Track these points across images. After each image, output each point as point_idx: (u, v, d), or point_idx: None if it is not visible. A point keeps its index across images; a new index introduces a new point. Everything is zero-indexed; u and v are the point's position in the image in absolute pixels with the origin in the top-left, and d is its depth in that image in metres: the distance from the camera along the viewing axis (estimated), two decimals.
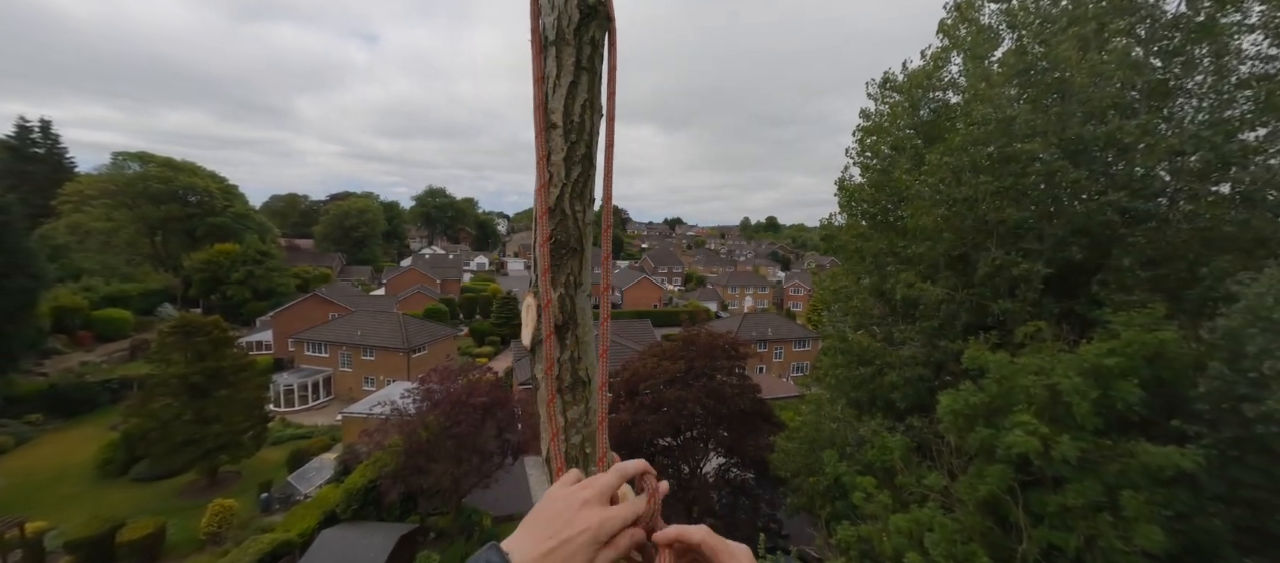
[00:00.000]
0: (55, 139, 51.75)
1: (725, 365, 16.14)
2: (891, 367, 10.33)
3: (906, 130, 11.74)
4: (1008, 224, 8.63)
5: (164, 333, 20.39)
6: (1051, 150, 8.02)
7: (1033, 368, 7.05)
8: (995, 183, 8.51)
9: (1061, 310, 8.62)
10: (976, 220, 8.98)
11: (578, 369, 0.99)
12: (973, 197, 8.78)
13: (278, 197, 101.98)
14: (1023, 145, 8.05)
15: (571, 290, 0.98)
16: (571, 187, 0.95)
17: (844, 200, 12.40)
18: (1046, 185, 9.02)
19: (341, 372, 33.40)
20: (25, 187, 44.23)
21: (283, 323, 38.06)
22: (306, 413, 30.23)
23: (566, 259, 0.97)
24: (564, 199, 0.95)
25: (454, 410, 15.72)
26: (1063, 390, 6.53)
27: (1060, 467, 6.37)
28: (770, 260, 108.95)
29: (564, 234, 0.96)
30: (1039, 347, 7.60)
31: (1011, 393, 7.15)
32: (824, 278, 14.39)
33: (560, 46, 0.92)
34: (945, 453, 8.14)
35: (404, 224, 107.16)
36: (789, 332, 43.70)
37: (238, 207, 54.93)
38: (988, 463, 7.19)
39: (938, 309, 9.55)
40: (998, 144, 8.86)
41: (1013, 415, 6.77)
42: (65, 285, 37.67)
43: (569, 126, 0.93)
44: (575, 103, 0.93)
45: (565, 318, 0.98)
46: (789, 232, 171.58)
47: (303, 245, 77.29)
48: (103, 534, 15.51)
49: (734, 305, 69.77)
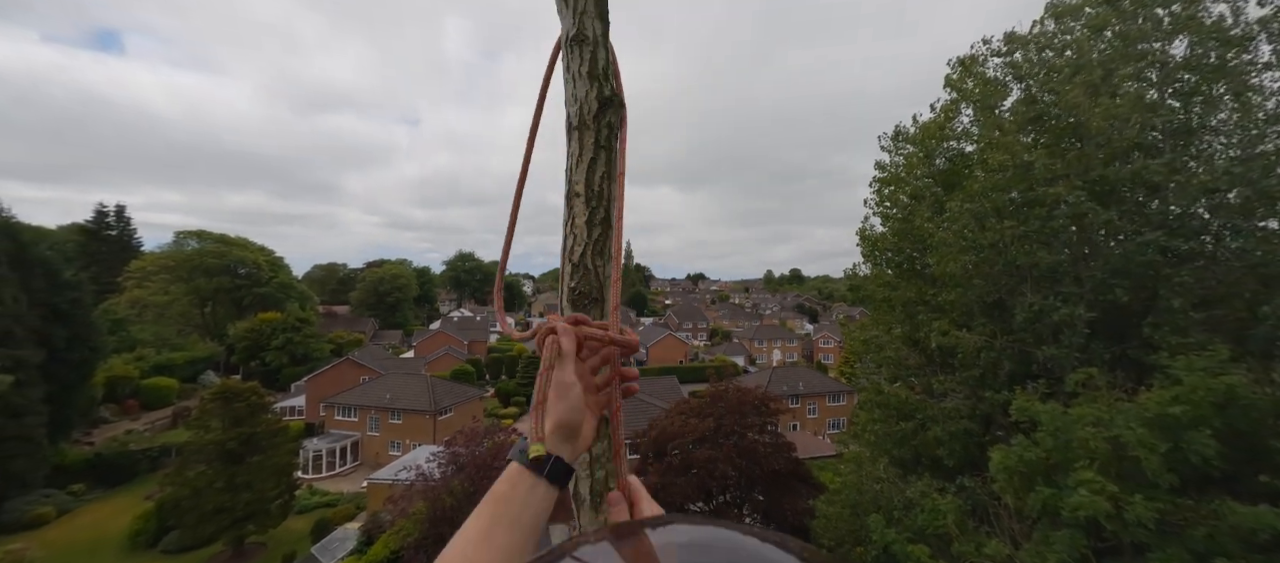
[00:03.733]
0: (127, 221, 56.73)
1: (756, 423, 15.55)
2: (934, 421, 9.77)
3: (924, 179, 11.81)
4: (1041, 267, 8.39)
5: (205, 400, 21.11)
6: (1077, 192, 7.90)
7: (1090, 419, 6.57)
8: (1021, 227, 8.37)
9: (1113, 356, 8.13)
10: (1006, 265, 8.76)
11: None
12: (999, 241, 8.63)
13: (319, 265, 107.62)
14: (1046, 189, 7.98)
15: None
16: (593, 244, 1.09)
17: (867, 249, 12.33)
18: (1077, 227, 8.82)
19: (369, 436, 33.51)
20: (96, 265, 48.16)
21: (316, 388, 38.92)
22: (333, 480, 30.13)
23: (588, 308, 1.08)
24: (587, 255, 1.09)
25: (479, 475, 15.44)
26: (1127, 444, 6.04)
27: (1137, 532, 5.76)
28: (797, 312, 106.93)
29: (587, 286, 1.09)
30: (1094, 396, 7.12)
31: (1069, 447, 6.64)
32: (853, 329, 14.03)
33: (582, 130, 1.10)
34: (1004, 517, 7.48)
35: (435, 288, 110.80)
36: (822, 386, 42.00)
37: (282, 276, 58.13)
38: (1053, 528, 6.56)
39: (977, 358, 9.13)
40: (1020, 189, 8.80)
41: (1075, 473, 6.24)
42: (119, 356, 39.86)
43: (590, 195, 1.09)
44: (595, 175, 1.09)
45: None
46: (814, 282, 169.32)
47: (339, 311, 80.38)
48: None
49: (762, 360, 67.96)
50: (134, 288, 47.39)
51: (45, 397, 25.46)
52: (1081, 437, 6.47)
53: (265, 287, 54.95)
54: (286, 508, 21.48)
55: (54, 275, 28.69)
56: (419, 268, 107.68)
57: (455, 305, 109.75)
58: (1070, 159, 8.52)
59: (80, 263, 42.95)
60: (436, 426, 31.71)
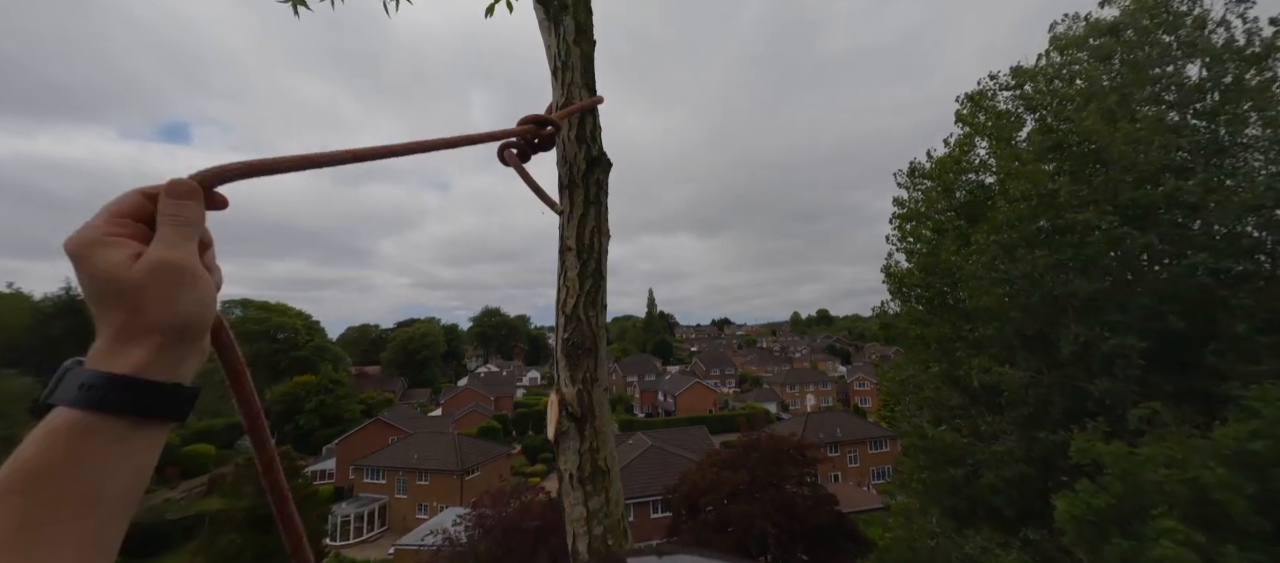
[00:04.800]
0: None
1: (793, 474, 14.77)
2: (987, 466, 9.11)
3: (945, 212, 11.66)
4: (1080, 296, 8.01)
5: (239, 466, 21.42)
6: (1108, 217, 7.66)
7: (1162, 459, 6.02)
8: (1053, 255, 8.09)
9: (1176, 388, 7.54)
10: (1044, 296, 8.41)
11: (598, 459, 1.08)
12: (1032, 271, 8.34)
13: (352, 327, 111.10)
14: (1075, 216, 7.76)
15: (588, 386, 1.11)
16: (584, 296, 1.14)
17: (893, 286, 12.06)
18: (1115, 253, 8.47)
19: (397, 499, 33.11)
20: None
21: (346, 450, 39.10)
22: (360, 547, 29.60)
23: (582, 358, 1.11)
24: (579, 307, 1.13)
25: (506, 537, 14.95)
26: (1208, 486, 5.48)
27: None
28: (828, 354, 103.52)
29: (580, 336, 1.12)
30: (1162, 433, 6.56)
31: (1142, 491, 6.06)
32: (889, 369, 13.49)
33: (572, 189, 1.17)
34: None
35: (462, 344, 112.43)
36: (861, 432, 39.87)
37: (318, 339, 60.18)
38: None
39: (1025, 395, 8.60)
40: (1047, 217, 8.59)
41: (1154, 522, 5.66)
42: None
43: (581, 248, 1.15)
44: (586, 230, 1.16)
45: (583, 411, 1.09)
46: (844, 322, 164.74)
47: (370, 371, 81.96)
48: None
49: (795, 405, 65.34)
50: None
51: None
52: (1154, 480, 5.92)
53: (302, 350, 56.84)
54: None
55: None
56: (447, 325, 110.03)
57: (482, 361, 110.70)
58: (1097, 185, 8.33)
59: None
60: (463, 486, 31.18)
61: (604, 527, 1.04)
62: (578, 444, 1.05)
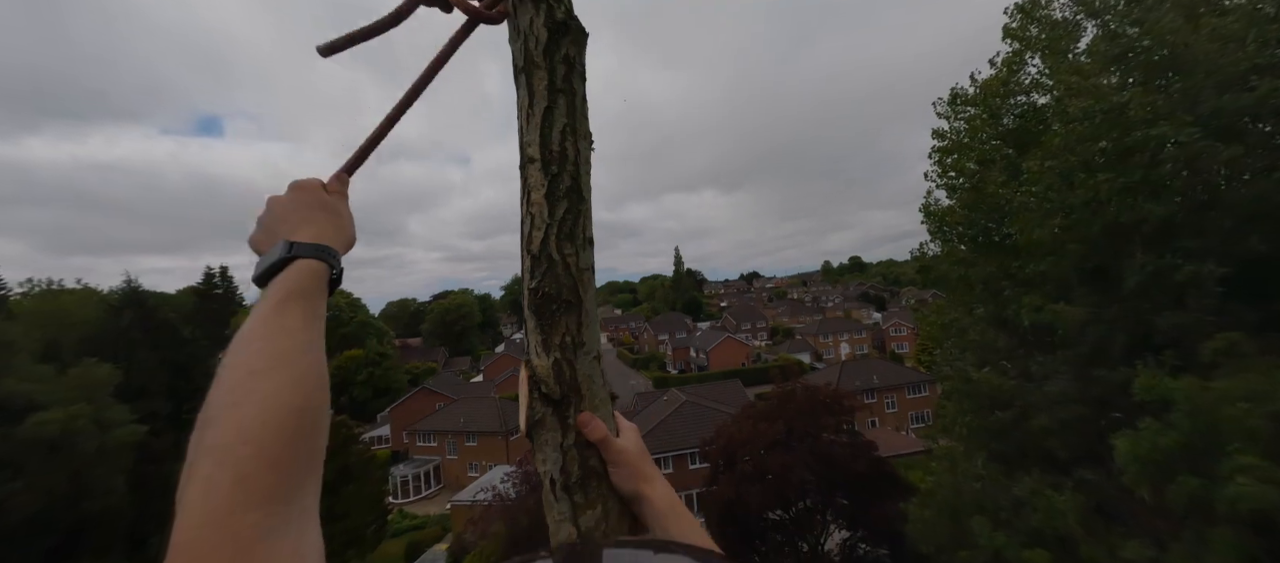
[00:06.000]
0: (230, 280, 64.05)
1: (830, 423, 14.72)
2: (1038, 408, 8.74)
3: (991, 142, 10.76)
4: (1150, 222, 7.30)
5: None
6: (1187, 129, 6.82)
7: (1240, 393, 5.56)
8: (1120, 179, 7.34)
9: (1260, 317, 6.89)
10: (1107, 224, 7.71)
11: (588, 459, 0.77)
12: (1094, 198, 7.62)
13: (392, 302, 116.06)
14: (1149, 131, 6.95)
15: (569, 354, 0.78)
16: (557, 226, 0.80)
17: (933, 226, 11.37)
18: (1190, 172, 7.62)
19: (449, 459, 35.25)
20: (209, 322, 54.63)
21: (398, 417, 41.61)
22: (420, 503, 31.91)
23: (558, 315, 0.79)
24: (550, 242, 0.80)
25: None
26: None
27: None
28: (862, 302, 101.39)
29: (554, 285, 0.79)
30: (1242, 366, 6.04)
31: (1216, 428, 5.65)
32: (929, 313, 12.97)
33: (531, 71, 0.83)
34: (1141, 514, 6.49)
35: (496, 313, 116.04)
36: (898, 378, 39.34)
37: (361, 316, 63.11)
38: (1207, 524, 5.58)
39: (1082, 334, 8.08)
40: (1112, 136, 7.75)
41: (1229, 459, 5.29)
42: None
43: (548, 157, 0.81)
44: (553, 130, 0.81)
45: (564, 391, 0.77)
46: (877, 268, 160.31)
47: (413, 343, 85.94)
48: None
49: (829, 355, 64.87)
50: None
51: (175, 442, 29.00)
52: (1231, 415, 5.49)
53: (347, 326, 59.82)
54: (380, 534, 22.92)
55: (176, 334, 32.80)
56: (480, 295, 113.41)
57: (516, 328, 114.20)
58: (1173, 94, 7.41)
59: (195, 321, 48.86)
60: (508, 446, 32.81)
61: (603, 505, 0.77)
62: (559, 438, 0.76)
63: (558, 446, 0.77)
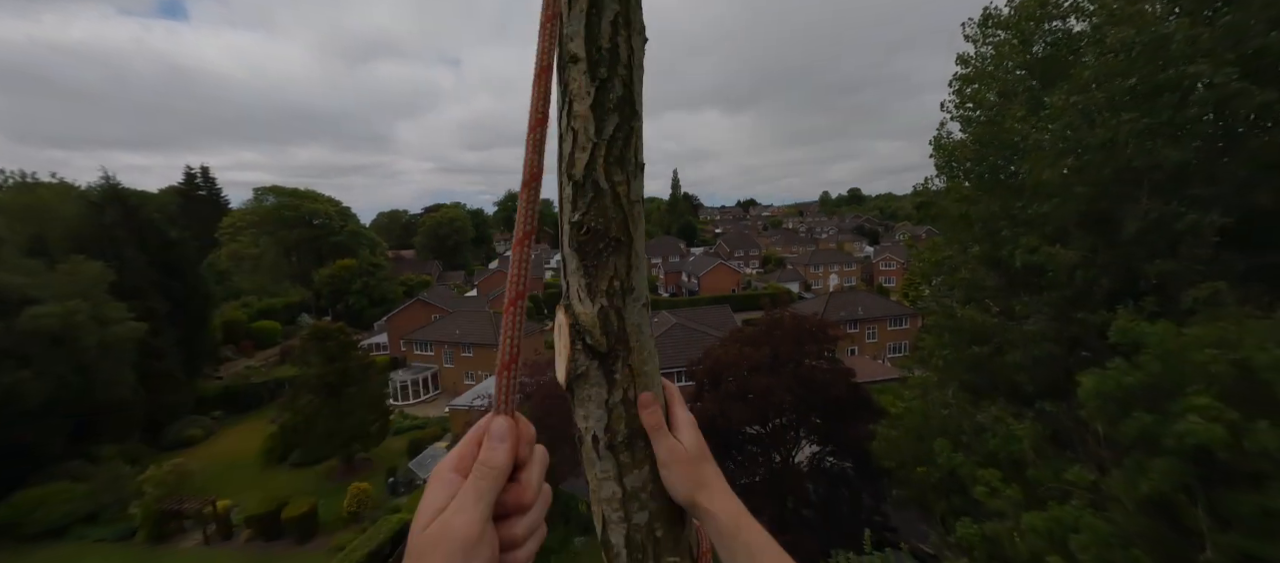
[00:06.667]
0: (212, 181, 62.08)
1: (813, 350, 15.32)
2: (1013, 345, 9.10)
3: (1017, 71, 10.17)
4: (1164, 168, 7.14)
5: (303, 340, 23.73)
6: (1225, 70, 6.46)
7: (1211, 340, 5.80)
8: (1144, 119, 7.06)
9: (1248, 267, 7.00)
10: (1119, 168, 7.54)
11: (636, 417, 0.71)
12: (1112, 139, 7.38)
13: (383, 213, 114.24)
14: (1185, 69, 6.57)
15: (618, 301, 0.69)
16: (605, 146, 0.66)
17: (941, 160, 11.08)
18: (1215, 114, 7.33)
19: (446, 368, 36.72)
20: (195, 224, 53.72)
21: (395, 326, 42.64)
22: (420, 406, 33.70)
23: (607, 255, 0.68)
24: (597, 166, 0.66)
25: (545, 402, 16.58)
26: (1258, 367, 5.31)
27: (1258, 461, 5.19)
28: (855, 235, 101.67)
29: (601, 219, 0.67)
30: (1217, 314, 6.24)
31: (1181, 372, 5.95)
32: (923, 250, 13.04)
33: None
34: (1090, 442, 7.02)
35: (489, 229, 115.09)
36: (882, 310, 40.53)
37: (352, 226, 62.30)
38: (1150, 455, 6.06)
39: (1071, 277, 8.21)
40: (1143, 73, 7.33)
41: (1185, 399, 5.62)
42: (229, 303, 45.36)
43: (596, 57, 0.64)
44: (601, 20, 0.64)
45: (611, 342, 0.69)
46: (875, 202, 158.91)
47: (406, 255, 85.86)
48: (272, 512, 18.55)
49: (818, 286, 66.17)
50: (229, 242, 52.79)
51: (176, 341, 29.71)
52: (1198, 360, 5.75)
53: (339, 235, 59.26)
54: (383, 431, 24.42)
55: (162, 235, 32.32)
56: (473, 210, 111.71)
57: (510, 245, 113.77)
58: (1219, 28, 6.91)
59: (181, 223, 48.06)
60: None
61: (649, 513, 0.71)
62: (604, 394, 0.69)
63: (603, 402, 0.71)
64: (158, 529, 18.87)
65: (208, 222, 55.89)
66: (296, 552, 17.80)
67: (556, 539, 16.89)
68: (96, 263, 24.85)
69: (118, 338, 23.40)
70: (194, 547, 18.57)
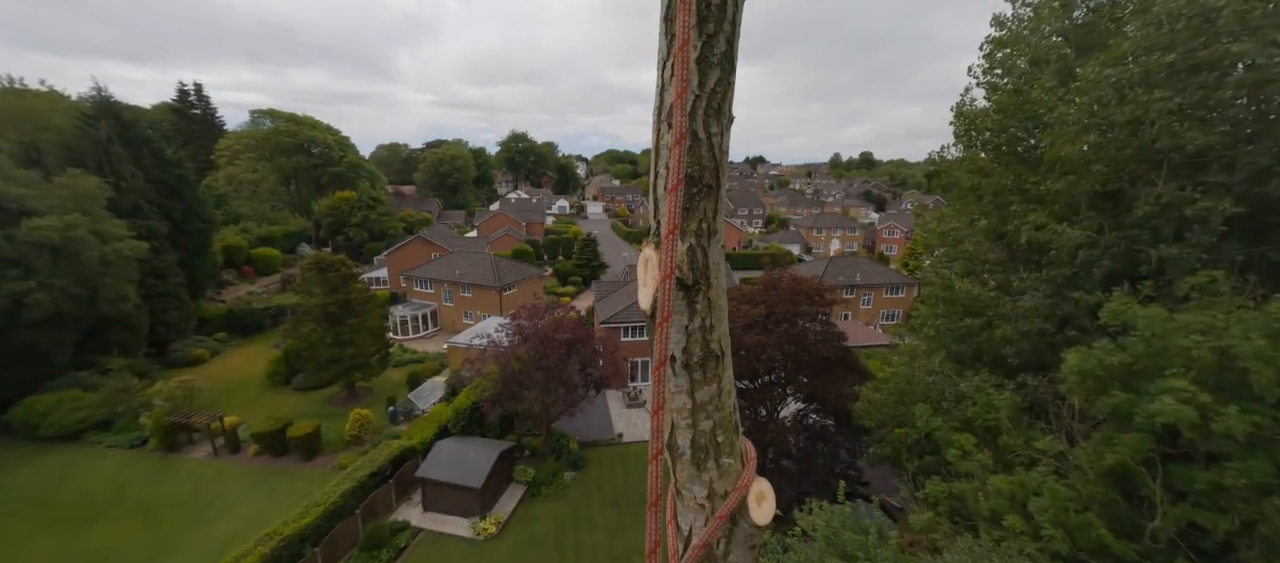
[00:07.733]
0: (206, 100, 59.97)
1: (808, 312, 15.53)
2: (1005, 319, 9.25)
3: (1053, 38, 9.71)
4: (1187, 151, 6.99)
5: (304, 269, 23.88)
6: (1269, 49, 6.18)
7: (1197, 326, 5.91)
8: (1175, 98, 6.83)
9: (1248, 258, 7.02)
10: (1141, 147, 7.37)
11: (710, 341, 0.80)
12: (1139, 118, 7.17)
13: (382, 146, 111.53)
14: (1229, 46, 6.29)
15: (704, 241, 0.77)
16: (706, 98, 0.71)
17: (962, 128, 10.79)
18: (1249, 99, 7.09)
19: (445, 306, 37.20)
20: (191, 144, 52.48)
21: (395, 262, 42.76)
22: (419, 341, 34.42)
23: (699, 200, 0.74)
24: (697, 115, 0.70)
25: (542, 345, 16.96)
26: (1238, 355, 5.44)
27: (1221, 442, 5.43)
28: (862, 200, 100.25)
29: (696, 165, 0.72)
30: (1210, 302, 6.32)
31: (1164, 355, 6.10)
32: (929, 220, 12.94)
33: None
34: (1065, 416, 7.29)
35: (491, 169, 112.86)
36: (880, 277, 40.68)
37: (351, 156, 61.04)
38: (1121, 431, 6.33)
39: (1073, 256, 8.22)
40: (1183, 49, 7.01)
41: (1162, 381, 5.81)
42: (229, 228, 45.16)
43: (706, 11, 0.67)
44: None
45: (697, 276, 0.78)
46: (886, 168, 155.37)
47: (406, 191, 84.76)
48: (277, 430, 19.38)
49: (819, 249, 66.02)
50: (227, 165, 51.84)
51: (178, 262, 29.82)
52: (1182, 345, 5.89)
53: (338, 166, 58.20)
54: (384, 362, 25.08)
55: (159, 153, 31.66)
56: (475, 149, 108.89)
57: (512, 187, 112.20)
58: (1272, 4, 6.55)
59: (176, 142, 46.94)
60: (502, 299, 34.46)
61: (713, 422, 0.83)
62: (686, 321, 0.77)
63: (683, 328, 0.80)
64: (168, 440, 19.80)
65: (203, 142, 54.56)
66: (302, 468, 18.78)
67: (547, 472, 17.80)
68: (93, 178, 24.52)
69: (119, 254, 23.49)
70: (204, 458, 19.57)
